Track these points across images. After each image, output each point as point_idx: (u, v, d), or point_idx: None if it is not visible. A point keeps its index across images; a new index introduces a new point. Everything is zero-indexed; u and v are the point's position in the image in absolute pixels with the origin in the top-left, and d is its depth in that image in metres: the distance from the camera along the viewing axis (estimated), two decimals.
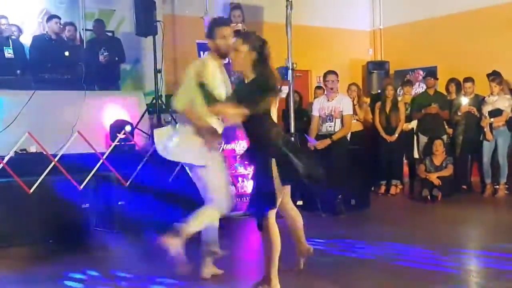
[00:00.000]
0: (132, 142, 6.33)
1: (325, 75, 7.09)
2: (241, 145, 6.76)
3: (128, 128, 6.36)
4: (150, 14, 7.30)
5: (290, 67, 7.16)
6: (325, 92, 7.23)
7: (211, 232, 4.03)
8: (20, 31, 7.48)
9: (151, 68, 7.53)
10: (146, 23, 7.28)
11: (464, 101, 8.07)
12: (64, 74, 6.84)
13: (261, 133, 3.49)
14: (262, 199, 3.49)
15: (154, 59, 7.37)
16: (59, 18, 7.23)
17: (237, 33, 7.37)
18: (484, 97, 7.97)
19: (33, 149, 5.91)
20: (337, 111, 6.86)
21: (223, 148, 6.59)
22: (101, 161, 5.67)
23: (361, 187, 7.06)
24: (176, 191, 5.87)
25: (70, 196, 5.47)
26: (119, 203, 5.75)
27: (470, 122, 8.03)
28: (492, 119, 7.74)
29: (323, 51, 10.14)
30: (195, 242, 3.95)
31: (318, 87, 8.80)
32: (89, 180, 5.58)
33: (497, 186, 7.85)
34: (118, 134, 6.15)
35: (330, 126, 6.89)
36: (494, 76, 7.85)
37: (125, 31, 8.29)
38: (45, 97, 6.44)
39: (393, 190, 8.19)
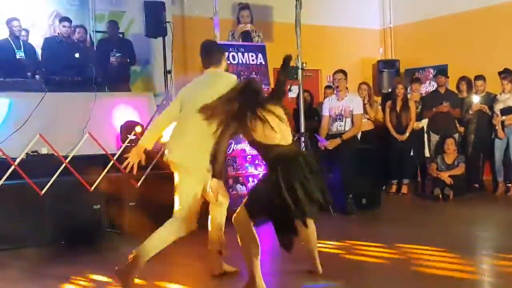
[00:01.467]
0: None
1: (333, 74, 7.10)
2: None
3: (138, 129, 6.37)
4: (160, 15, 7.31)
5: (300, 67, 7.16)
6: (335, 92, 7.21)
7: (218, 231, 4.04)
8: (27, 33, 7.53)
9: (161, 69, 7.55)
10: (155, 24, 7.30)
11: (476, 99, 8.02)
12: (74, 76, 6.88)
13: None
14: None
15: (164, 60, 7.39)
16: (69, 22, 7.26)
17: (245, 33, 7.42)
18: (496, 95, 7.91)
19: (44, 150, 5.95)
20: (347, 111, 6.85)
21: (233, 149, 6.63)
22: (112, 162, 5.69)
23: (372, 186, 7.03)
24: None
25: (81, 197, 5.50)
26: (130, 204, 5.77)
27: (481, 120, 7.98)
28: (504, 117, 7.68)
29: (333, 50, 10.11)
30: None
31: (328, 87, 8.78)
32: (100, 181, 5.60)
33: (510, 185, 7.80)
34: (128, 135, 6.16)
35: (340, 126, 6.88)
36: (506, 74, 7.79)
37: (135, 32, 8.31)
38: (56, 99, 6.48)
39: (404, 189, 8.15)
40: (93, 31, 8.08)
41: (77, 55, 7.14)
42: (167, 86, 7.41)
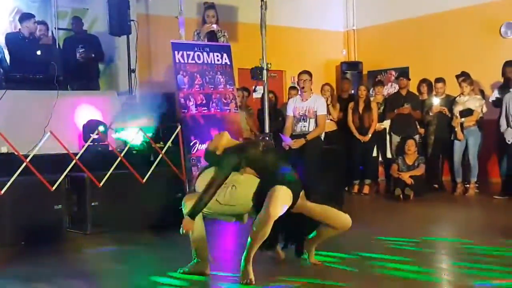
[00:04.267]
0: (106, 143, 6.27)
1: (298, 74, 7.17)
2: None
3: (101, 128, 6.30)
4: (124, 13, 7.25)
5: (265, 67, 7.18)
6: (299, 92, 7.28)
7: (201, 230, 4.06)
8: None
9: (125, 68, 7.48)
10: (119, 22, 7.24)
11: (436, 101, 8.20)
12: (36, 73, 6.75)
13: None
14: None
15: (128, 58, 7.32)
16: (34, 18, 7.12)
17: (211, 33, 7.42)
18: (455, 97, 8.10)
19: (4, 149, 5.82)
20: (311, 111, 6.91)
21: (197, 149, 6.62)
22: (74, 161, 5.61)
23: (335, 186, 7.11)
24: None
25: (42, 197, 5.40)
26: (93, 204, 5.70)
27: (441, 122, 8.16)
28: (463, 119, 7.88)
29: (297, 52, 10.19)
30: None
31: (292, 87, 8.85)
32: (61, 181, 5.51)
33: (468, 185, 8.00)
34: (91, 134, 6.08)
35: (304, 126, 6.94)
36: (464, 76, 7.99)
37: (99, 30, 8.19)
38: (17, 96, 6.34)
39: (366, 189, 8.28)
40: (55, 28, 7.94)
41: (39, 52, 7.00)
42: (131, 85, 7.35)
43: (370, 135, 8.18)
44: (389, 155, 8.52)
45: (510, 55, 8.43)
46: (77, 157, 5.66)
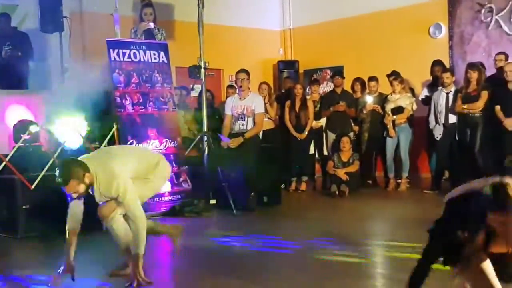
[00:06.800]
0: (38, 143, 6.08)
1: (236, 73, 7.21)
2: (153, 145, 6.70)
3: (33, 128, 6.10)
4: (56, 10, 7.05)
5: (203, 66, 7.18)
6: (237, 91, 7.31)
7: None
8: None
9: (58, 66, 7.27)
10: (51, 19, 7.03)
11: (369, 99, 8.43)
12: None
13: None
14: None
15: (61, 56, 7.12)
16: None
17: (148, 31, 7.32)
18: (387, 96, 8.35)
19: None
20: (249, 110, 6.97)
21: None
22: (3, 163, 5.41)
23: (273, 184, 7.20)
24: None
25: None
26: (24, 207, 5.51)
27: (374, 120, 8.39)
28: (394, 117, 8.13)
29: (235, 50, 10.22)
30: None
31: (230, 86, 8.87)
32: None
33: (400, 181, 8.26)
34: (22, 135, 5.88)
35: (242, 125, 6.99)
36: (395, 75, 8.25)
37: (29, 27, 7.90)
38: None
39: (303, 186, 8.41)
40: None
41: None
42: (64, 83, 7.14)
43: (306, 133, 8.31)
44: (325, 152, 8.68)
45: (438, 55, 8.80)
46: (7, 159, 5.46)
